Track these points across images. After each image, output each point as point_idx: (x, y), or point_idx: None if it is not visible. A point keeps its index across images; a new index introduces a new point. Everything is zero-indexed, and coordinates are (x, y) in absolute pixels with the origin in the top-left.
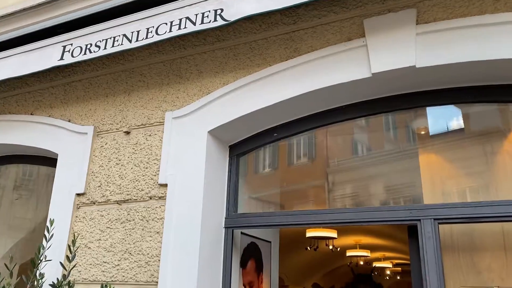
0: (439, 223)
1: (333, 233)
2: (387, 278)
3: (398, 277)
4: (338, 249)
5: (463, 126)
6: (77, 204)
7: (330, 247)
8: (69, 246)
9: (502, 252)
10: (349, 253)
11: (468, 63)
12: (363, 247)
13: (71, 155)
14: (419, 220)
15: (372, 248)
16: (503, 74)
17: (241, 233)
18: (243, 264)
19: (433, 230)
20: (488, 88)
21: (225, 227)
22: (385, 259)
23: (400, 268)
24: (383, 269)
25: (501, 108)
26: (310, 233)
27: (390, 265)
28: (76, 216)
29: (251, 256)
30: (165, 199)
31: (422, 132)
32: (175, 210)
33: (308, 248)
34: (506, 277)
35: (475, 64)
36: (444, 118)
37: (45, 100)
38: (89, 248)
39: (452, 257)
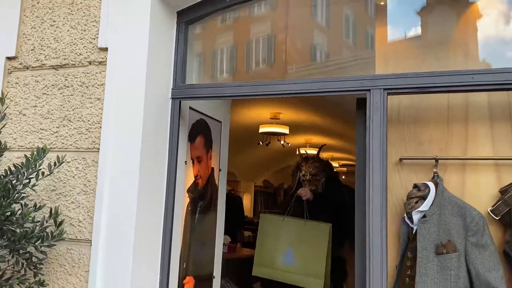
0: (388, 94)
1: (285, 129)
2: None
3: (343, 177)
4: (289, 144)
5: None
6: (8, 69)
7: (282, 142)
8: None
9: (444, 125)
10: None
11: None
12: (313, 146)
13: None
14: (369, 90)
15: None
16: None
17: (190, 108)
18: (191, 139)
19: (381, 100)
20: None
21: (172, 98)
22: (333, 159)
23: (345, 169)
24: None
25: None
26: (262, 128)
27: (337, 165)
28: (8, 82)
29: (200, 132)
30: (105, 64)
31: (382, 3)
32: (116, 77)
33: (260, 143)
34: (445, 148)
35: None
36: None
37: None
38: (25, 115)
39: (397, 130)
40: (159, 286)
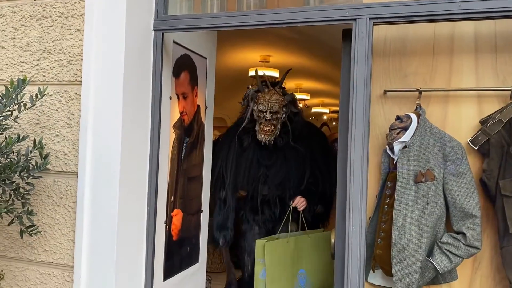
0: (374, 23)
1: (275, 72)
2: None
3: (334, 123)
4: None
5: None
6: None
7: None
8: None
9: (430, 57)
10: None
11: None
12: (304, 91)
13: None
14: (355, 19)
15: (312, 93)
16: None
17: (174, 42)
18: (176, 74)
19: (367, 30)
20: None
21: (154, 30)
22: (324, 105)
23: (336, 115)
24: (320, 114)
25: None
26: (252, 72)
27: (328, 111)
28: None
29: (185, 68)
30: None
31: None
32: (96, 7)
33: (250, 86)
34: (429, 81)
35: None
36: None
37: None
38: (3, 47)
39: (382, 63)
40: (147, 216)
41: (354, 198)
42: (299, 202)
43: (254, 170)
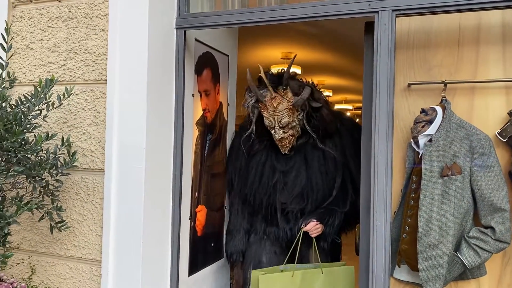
0: (397, 15)
1: (297, 69)
2: None
3: (358, 120)
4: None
5: None
6: (12, 2)
7: None
8: (2, 36)
9: (455, 48)
10: None
11: None
12: (325, 87)
13: None
14: (377, 12)
15: (335, 89)
16: None
17: (196, 39)
18: (198, 72)
19: (390, 22)
20: None
21: (176, 28)
22: (347, 101)
23: (360, 111)
24: (344, 111)
25: None
26: (274, 69)
27: (351, 107)
28: (13, 16)
29: (207, 65)
30: None
31: None
32: (119, 6)
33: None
34: (455, 72)
35: None
36: None
37: None
38: (32, 49)
39: (406, 55)
40: (172, 212)
41: (378, 193)
42: (312, 228)
43: (266, 175)
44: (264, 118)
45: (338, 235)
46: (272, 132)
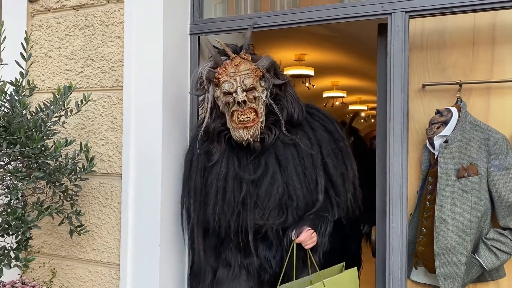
0: (410, 17)
1: (310, 71)
2: (362, 121)
3: (373, 120)
4: (315, 86)
5: None
6: (31, 12)
7: (307, 84)
8: (22, 45)
9: (470, 48)
10: (325, 94)
11: None
12: (340, 88)
13: None
14: (390, 13)
15: (349, 90)
16: None
17: None
18: None
19: (403, 24)
20: None
21: (191, 34)
22: (361, 102)
23: (374, 112)
24: (359, 112)
25: None
26: (287, 71)
27: (366, 108)
28: (32, 25)
29: None
30: (123, 1)
31: None
32: (135, 14)
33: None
34: (470, 73)
35: None
36: None
37: None
38: (50, 57)
39: (420, 57)
40: None
41: (394, 195)
42: (306, 238)
43: (230, 190)
44: (223, 84)
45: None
46: (234, 101)
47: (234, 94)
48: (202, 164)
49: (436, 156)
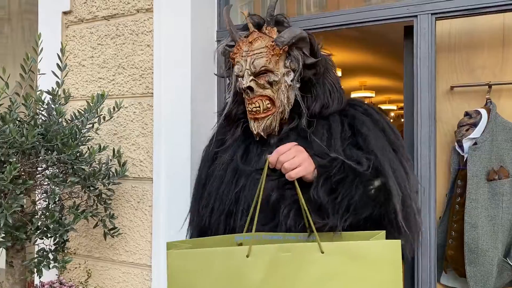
0: (436, 18)
1: (337, 72)
2: (392, 120)
3: (402, 120)
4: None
5: None
6: (65, 23)
7: None
8: (58, 55)
9: (499, 48)
10: (353, 94)
11: None
12: (368, 88)
13: None
14: (416, 16)
15: (377, 90)
16: None
17: None
18: None
19: (429, 26)
20: None
21: (218, 41)
22: (390, 102)
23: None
24: (388, 112)
25: None
26: None
27: (395, 108)
28: (67, 35)
29: None
30: (152, 11)
31: None
32: (163, 23)
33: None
34: (499, 73)
35: None
36: None
37: None
38: (83, 66)
39: (448, 58)
40: None
41: (422, 198)
42: (283, 158)
43: (226, 184)
44: (235, 66)
45: None
46: (243, 88)
47: (239, 79)
48: (212, 154)
49: (465, 159)
